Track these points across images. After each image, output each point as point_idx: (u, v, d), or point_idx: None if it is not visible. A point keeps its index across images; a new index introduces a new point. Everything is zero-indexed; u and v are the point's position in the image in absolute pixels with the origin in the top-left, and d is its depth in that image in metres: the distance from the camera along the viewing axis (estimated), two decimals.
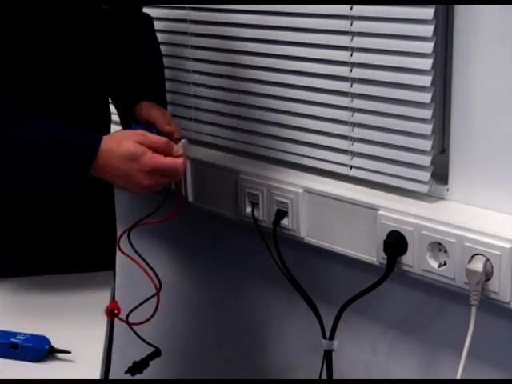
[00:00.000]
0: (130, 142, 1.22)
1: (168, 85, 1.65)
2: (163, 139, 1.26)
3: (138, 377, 2.02)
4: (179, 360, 1.91)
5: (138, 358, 1.76)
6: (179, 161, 1.25)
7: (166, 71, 1.65)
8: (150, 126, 1.33)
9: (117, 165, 1.22)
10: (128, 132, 1.28)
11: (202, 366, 1.81)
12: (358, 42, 1.29)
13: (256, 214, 1.48)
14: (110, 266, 1.53)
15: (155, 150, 1.24)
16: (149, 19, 1.55)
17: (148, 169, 1.22)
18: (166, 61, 1.64)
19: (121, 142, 1.23)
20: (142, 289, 1.93)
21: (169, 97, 1.65)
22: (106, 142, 1.22)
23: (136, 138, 1.24)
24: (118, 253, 1.37)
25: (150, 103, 1.40)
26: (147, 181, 1.23)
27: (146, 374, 2.00)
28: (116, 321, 1.42)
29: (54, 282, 1.33)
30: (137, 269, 1.44)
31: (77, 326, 1.22)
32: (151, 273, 1.35)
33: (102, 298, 1.29)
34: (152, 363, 2.00)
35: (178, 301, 1.83)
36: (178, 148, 1.27)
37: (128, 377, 1.96)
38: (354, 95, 1.32)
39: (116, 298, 1.36)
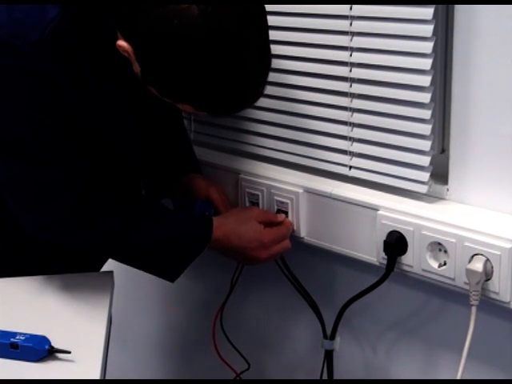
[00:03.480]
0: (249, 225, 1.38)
1: None
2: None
3: (137, 377, 2.02)
4: (179, 359, 1.91)
5: (137, 359, 1.76)
6: (287, 226, 1.42)
7: None
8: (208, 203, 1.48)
9: (235, 242, 1.37)
10: (244, 213, 1.41)
11: (202, 365, 1.81)
12: (358, 41, 1.29)
13: None
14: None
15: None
16: None
17: (267, 242, 1.38)
18: None
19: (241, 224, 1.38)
20: (142, 289, 1.93)
21: None
22: (221, 228, 1.36)
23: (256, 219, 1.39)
24: None
25: (200, 177, 1.52)
26: (265, 254, 1.38)
27: (146, 374, 2.00)
28: (114, 321, 1.42)
29: (54, 282, 1.33)
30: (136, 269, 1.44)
31: (77, 326, 1.22)
32: None
33: (102, 298, 1.29)
34: (152, 363, 2.00)
35: (178, 301, 1.83)
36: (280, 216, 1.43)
37: (128, 376, 1.96)
38: (353, 95, 1.32)
39: (116, 298, 1.36)
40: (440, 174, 1.29)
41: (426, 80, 1.22)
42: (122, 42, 1.12)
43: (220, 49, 1.07)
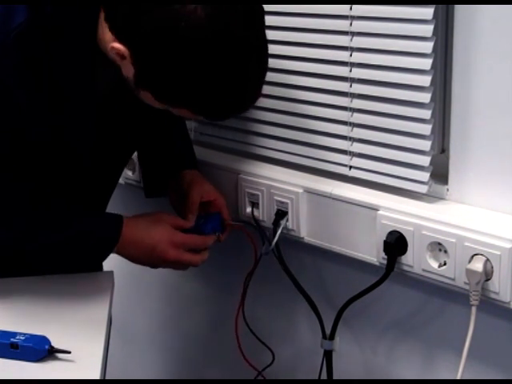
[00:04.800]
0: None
1: None
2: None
3: (137, 377, 2.02)
4: (179, 359, 1.91)
5: (137, 359, 1.75)
6: (202, 239, 1.39)
7: None
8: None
9: (146, 241, 1.34)
10: (155, 216, 1.38)
11: (202, 365, 1.81)
12: (358, 41, 1.29)
13: (256, 213, 1.48)
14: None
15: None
16: None
17: (177, 242, 1.34)
18: None
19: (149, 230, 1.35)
20: (142, 289, 1.93)
21: None
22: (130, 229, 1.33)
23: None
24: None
25: (199, 177, 1.48)
26: (173, 254, 1.34)
27: (146, 374, 2.00)
28: (114, 321, 1.42)
29: (54, 282, 1.33)
30: (137, 269, 1.43)
31: (77, 326, 1.22)
32: None
33: (102, 298, 1.29)
34: (152, 363, 2.00)
35: (178, 300, 1.83)
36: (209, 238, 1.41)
37: (128, 376, 1.96)
38: (353, 95, 1.32)
39: (116, 298, 1.36)
40: (440, 173, 1.29)
41: (425, 80, 1.22)
42: (117, 45, 1.11)
43: (225, 51, 1.07)
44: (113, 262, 1.42)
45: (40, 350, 1.13)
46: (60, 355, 1.13)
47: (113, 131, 1.34)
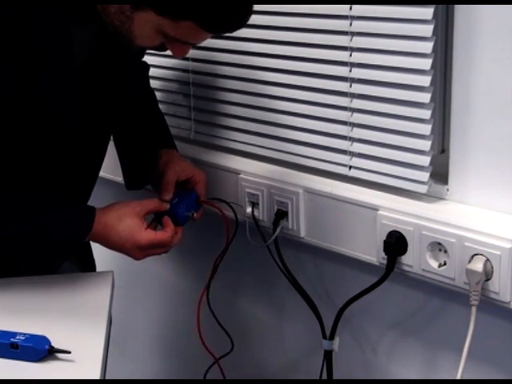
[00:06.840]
0: (129, 219, 1.31)
1: (168, 85, 1.65)
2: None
3: (137, 376, 2.02)
4: (178, 359, 1.91)
5: (137, 359, 1.75)
6: (168, 234, 1.33)
7: (167, 71, 1.65)
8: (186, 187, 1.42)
9: (114, 238, 1.31)
10: (124, 209, 1.33)
11: (202, 365, 1.81)
12: (358, 41, 1.29)
13: (256, 213, 1.48)
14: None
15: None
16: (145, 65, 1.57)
17: (142, 245, 1.31)
18: (165, 61, 1.64)
19: (121, 218, 1.31)
20: (141, 289, 1.93)
21: (169, 97, 1.66)
22: (101, 220, 1.29)
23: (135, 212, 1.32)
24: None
25: (176, 157, 1.44)
26: (140, 255, 1.33)
27: (146, 374, 2.00)
28: (114, 321, 1.42)
29: (54, 282, 1.33)
30: (137, 269, 1.44)
31: (77, 326, 1.21)
32: None
33: (102, 298, 1.29)
34: (152, 363, 2.00)
35: (178, 300, 1.83)
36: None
37: (128, 376, 1.96)
38: (353, 95, 1.32)
39: (116, 298, 1.36)
40: (440, 173, 1.29)
41: (425, 80, 1.22)
42: None
43: None
44: (113, 262, 1.42)
45: (40, 349, 1.13)
46: (60, 355, 1.13)
47: (97, 98, 1.32)
